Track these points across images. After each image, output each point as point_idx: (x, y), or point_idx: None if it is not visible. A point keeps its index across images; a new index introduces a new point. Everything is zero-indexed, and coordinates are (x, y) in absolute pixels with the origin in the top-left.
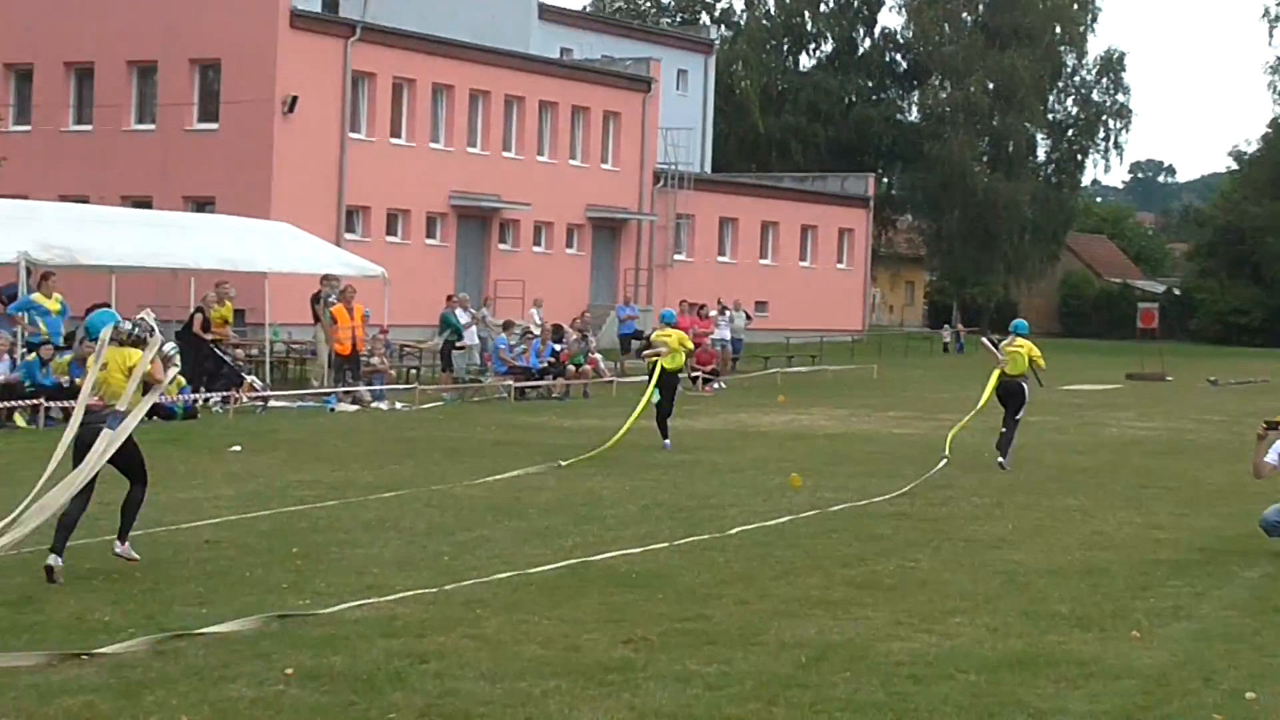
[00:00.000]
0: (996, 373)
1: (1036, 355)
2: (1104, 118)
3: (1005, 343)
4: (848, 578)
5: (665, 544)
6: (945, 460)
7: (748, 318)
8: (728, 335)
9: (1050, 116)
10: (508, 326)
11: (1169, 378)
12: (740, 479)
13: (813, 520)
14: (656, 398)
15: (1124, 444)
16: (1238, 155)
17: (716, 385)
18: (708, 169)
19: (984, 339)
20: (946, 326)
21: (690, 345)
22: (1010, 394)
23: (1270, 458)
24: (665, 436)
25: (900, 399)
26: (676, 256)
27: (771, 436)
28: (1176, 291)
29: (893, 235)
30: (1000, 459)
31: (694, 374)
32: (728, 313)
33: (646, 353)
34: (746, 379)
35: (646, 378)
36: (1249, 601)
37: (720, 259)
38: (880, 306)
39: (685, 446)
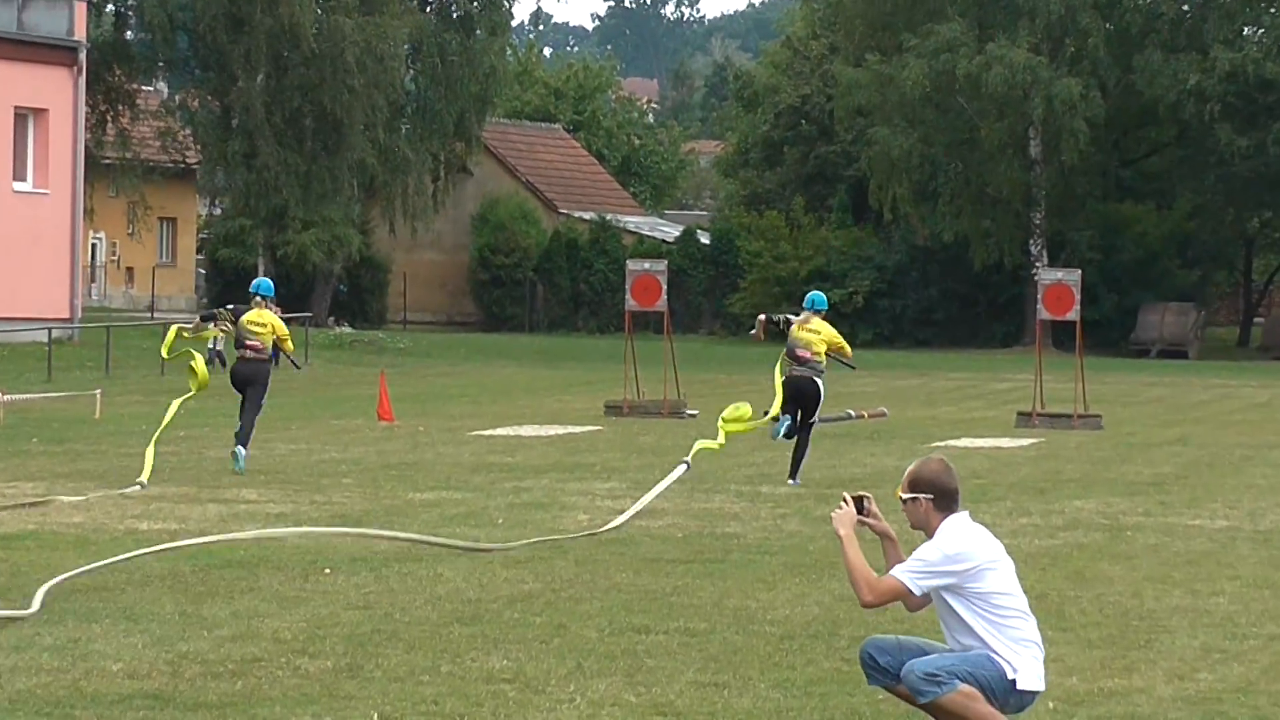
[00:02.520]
0: (780, 364)
1: (839, 341)
2: None
3: (799, 321)
4: None
5: None
6: (686, 465)
7: None
8: None
9: None
10: None
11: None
12: None
13: None
14: None
15: None
16: None
17: None
18: None
19: (763, 316)
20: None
21: None
22: (801, 392)
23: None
24: None
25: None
26: None
27: None
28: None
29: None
30: (791, 479)
31: None
32: None
33: None
34: None
35: None
36: None
37: None
38: (108, 271)
39: None
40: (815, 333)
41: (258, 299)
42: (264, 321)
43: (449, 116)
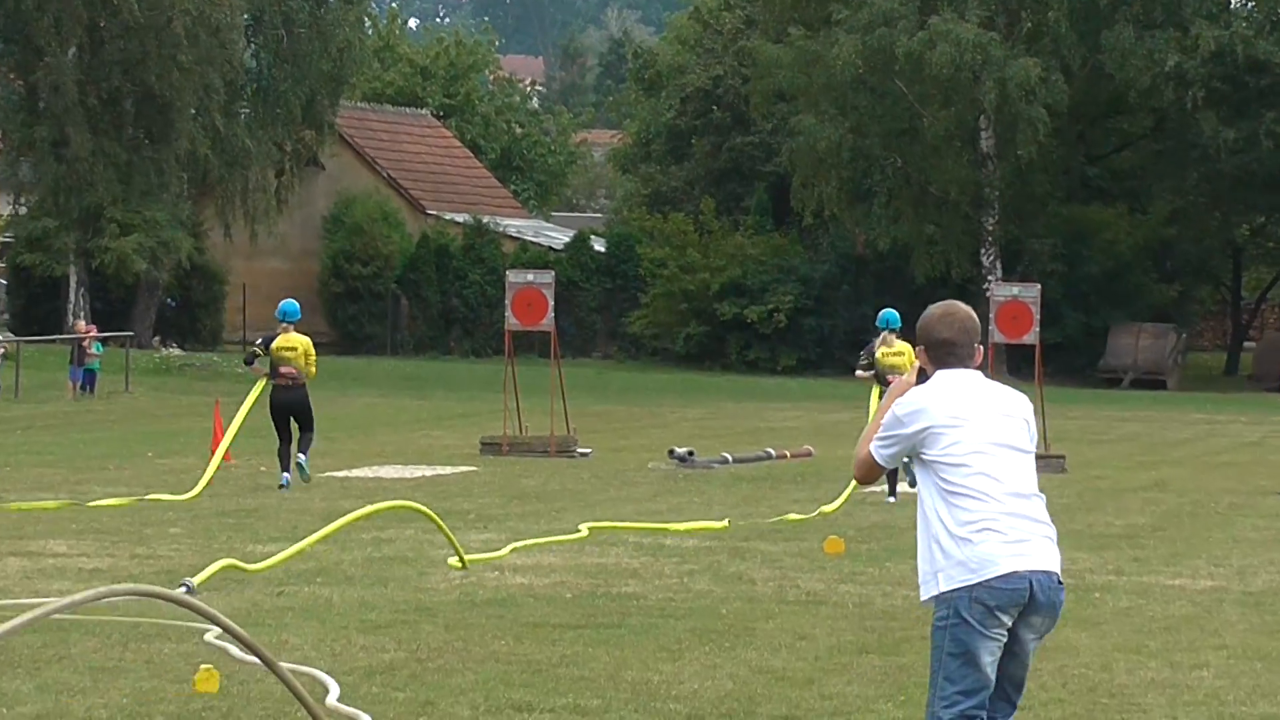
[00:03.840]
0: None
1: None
2: None
3: (881, 346)
4: None
5: None
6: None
7: None
8: None
9: None
10: None
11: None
12: None
13: None
14: None
15: None
16: None
17: None
18: None
19: (859, 372)
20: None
21: None
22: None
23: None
24: None
25: None
26: None
27: None
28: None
29: None
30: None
31: None
32: None
33: None
34: None
35: None
36: None
37: None
38: None
39: None
40: (900, 354)
41: (284, 324)
42: (294, 345)
43: (296, 100)
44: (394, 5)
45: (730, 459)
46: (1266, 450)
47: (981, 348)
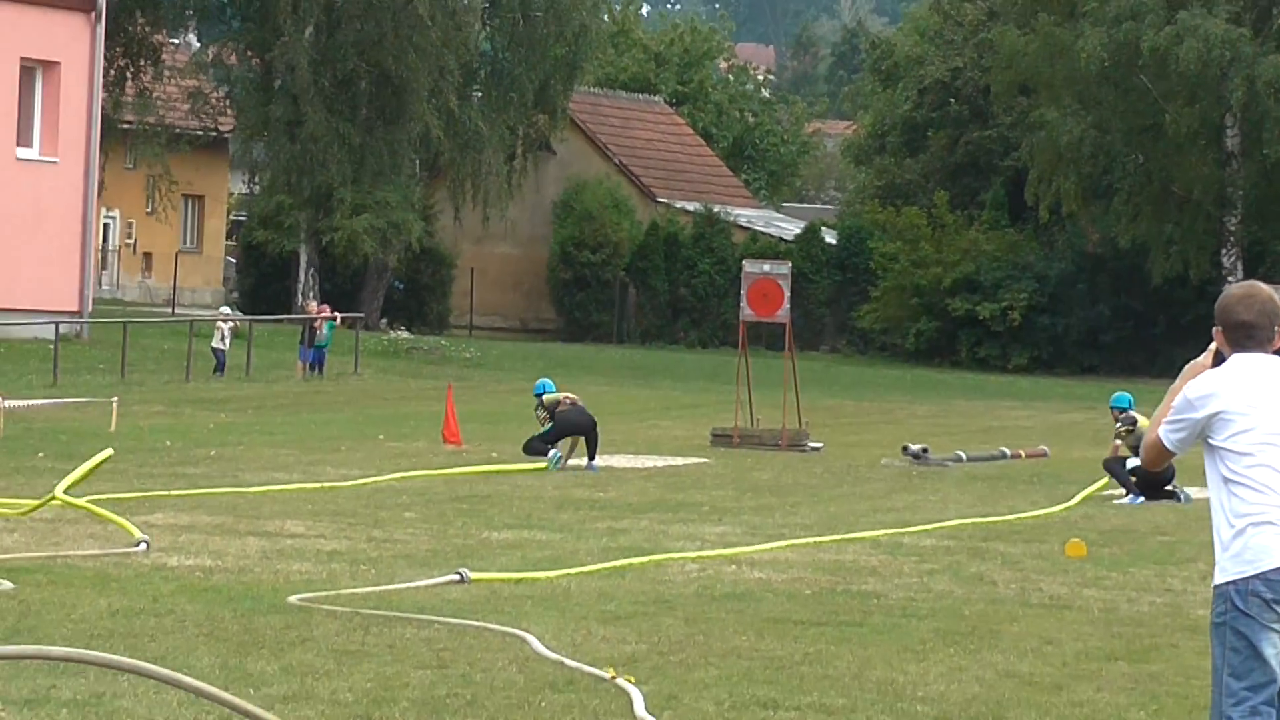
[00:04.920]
0: None
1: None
2: None
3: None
4: None
5: None
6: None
7: None
8: None
9: None
10: None
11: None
12: None
13: None
14: None
15: None
16: None
17: None
18: None
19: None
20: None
21: None
22: None
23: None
24: None
25: None
26: None
27: None
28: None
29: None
30: None
31: None
32: None
33: None
34: None
35: None
36: None
37: None
38: (123, 256)
39: None
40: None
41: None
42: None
43: (530, 84)
44: None
45: (964, 457)
46: None
47: None
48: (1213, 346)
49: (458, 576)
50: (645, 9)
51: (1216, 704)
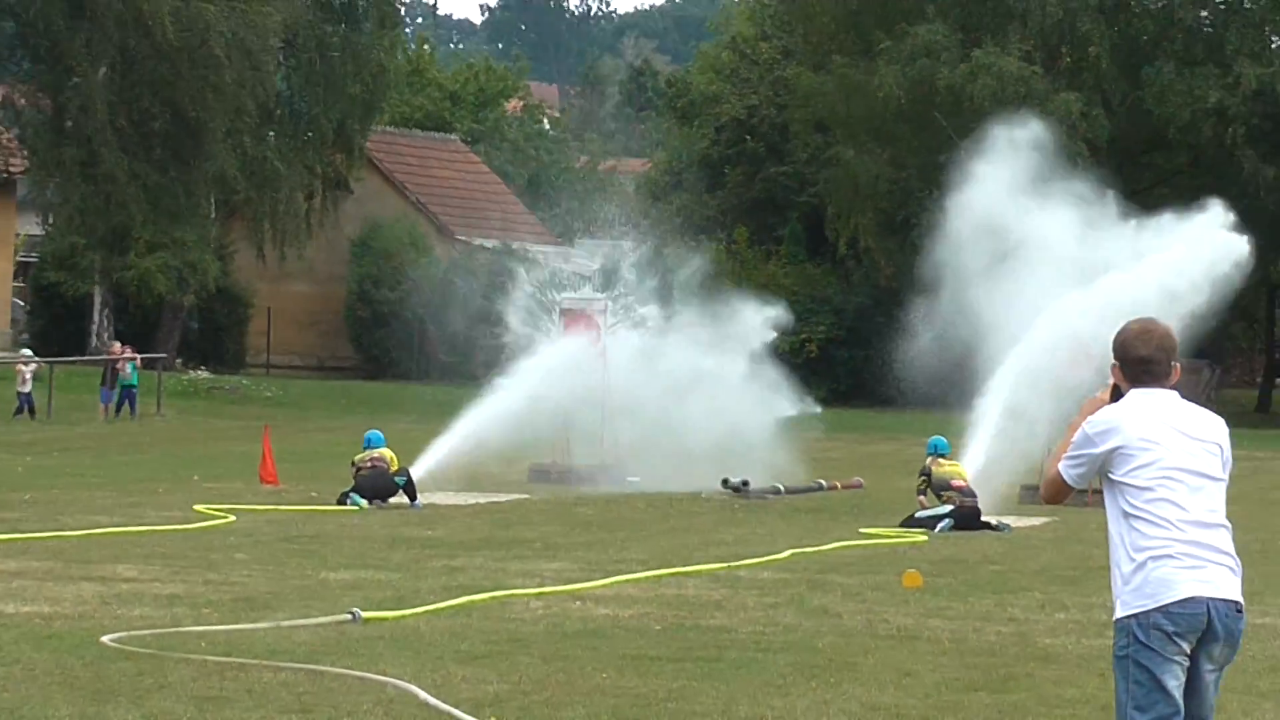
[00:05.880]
0: None
1: None
2: None
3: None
4: None
5: None
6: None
7: None
8: None
9: None
10: None
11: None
12: None
13: None
14: None
15: None
16: None
17: None
18: None
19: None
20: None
21: None
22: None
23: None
24: None
25: None
26: None
27: None
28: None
29: None
30: None
31: None
32: None
33: None
34: None
35: None
36: None
37: None
38: None
39: None
40: (954, 466)
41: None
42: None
43: (327, 123)
44: (422, 30)
45: (783, 489)
46: None
47: (1179, 366)
48: (1110, 382)
49: (350, 616)
50: (426, 48)
51: None
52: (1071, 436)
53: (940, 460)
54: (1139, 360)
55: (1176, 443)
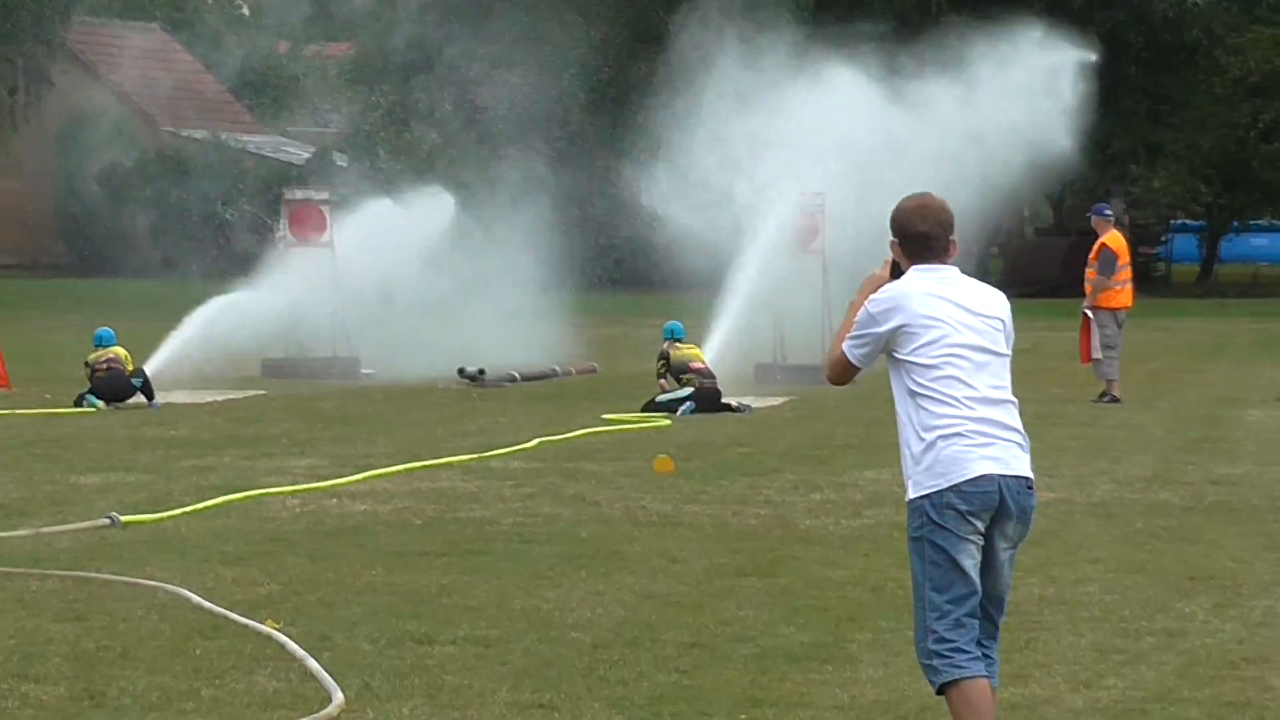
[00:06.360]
0: None
1: None
2: None
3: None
4: None
5: None
6: None
7: None
8: None
9: None
10: None
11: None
12: None
13: None
14: None
15: None
16: None
17: None
18: None
19: None
20: None
21: None
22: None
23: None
24: None
25: None
26: None
27: None
28: None
29: None
30: None
31: None
32: None
33: None
34: None
35: None
36: None
37: None
38: None
39: None
40: (692, 349)
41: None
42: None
43: (25, 14)
44: None
45: (519, 377)
46: (1043, 357)
47: (957, 241)
48: (889, 258)
49: (109, 520)
50: None
51: (920, 618)
52: (854, 316)
53: (677, 344)
54: (917, 236)
55: (960, 319)
